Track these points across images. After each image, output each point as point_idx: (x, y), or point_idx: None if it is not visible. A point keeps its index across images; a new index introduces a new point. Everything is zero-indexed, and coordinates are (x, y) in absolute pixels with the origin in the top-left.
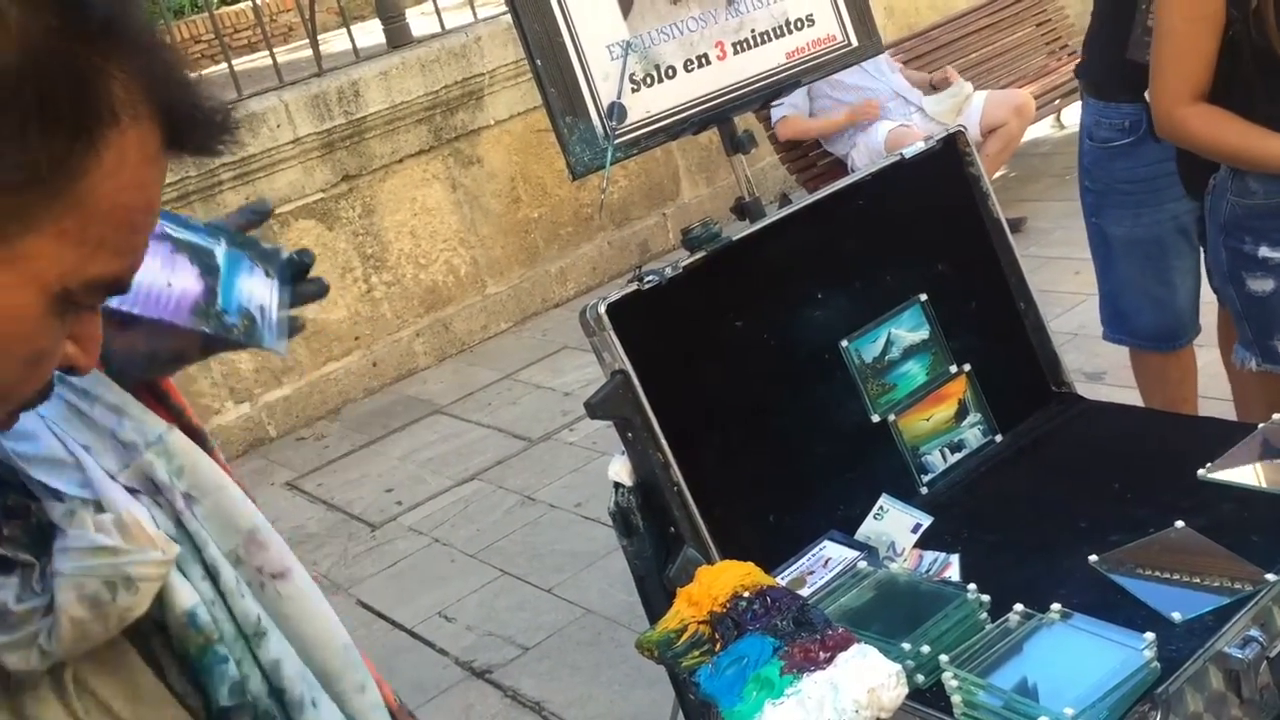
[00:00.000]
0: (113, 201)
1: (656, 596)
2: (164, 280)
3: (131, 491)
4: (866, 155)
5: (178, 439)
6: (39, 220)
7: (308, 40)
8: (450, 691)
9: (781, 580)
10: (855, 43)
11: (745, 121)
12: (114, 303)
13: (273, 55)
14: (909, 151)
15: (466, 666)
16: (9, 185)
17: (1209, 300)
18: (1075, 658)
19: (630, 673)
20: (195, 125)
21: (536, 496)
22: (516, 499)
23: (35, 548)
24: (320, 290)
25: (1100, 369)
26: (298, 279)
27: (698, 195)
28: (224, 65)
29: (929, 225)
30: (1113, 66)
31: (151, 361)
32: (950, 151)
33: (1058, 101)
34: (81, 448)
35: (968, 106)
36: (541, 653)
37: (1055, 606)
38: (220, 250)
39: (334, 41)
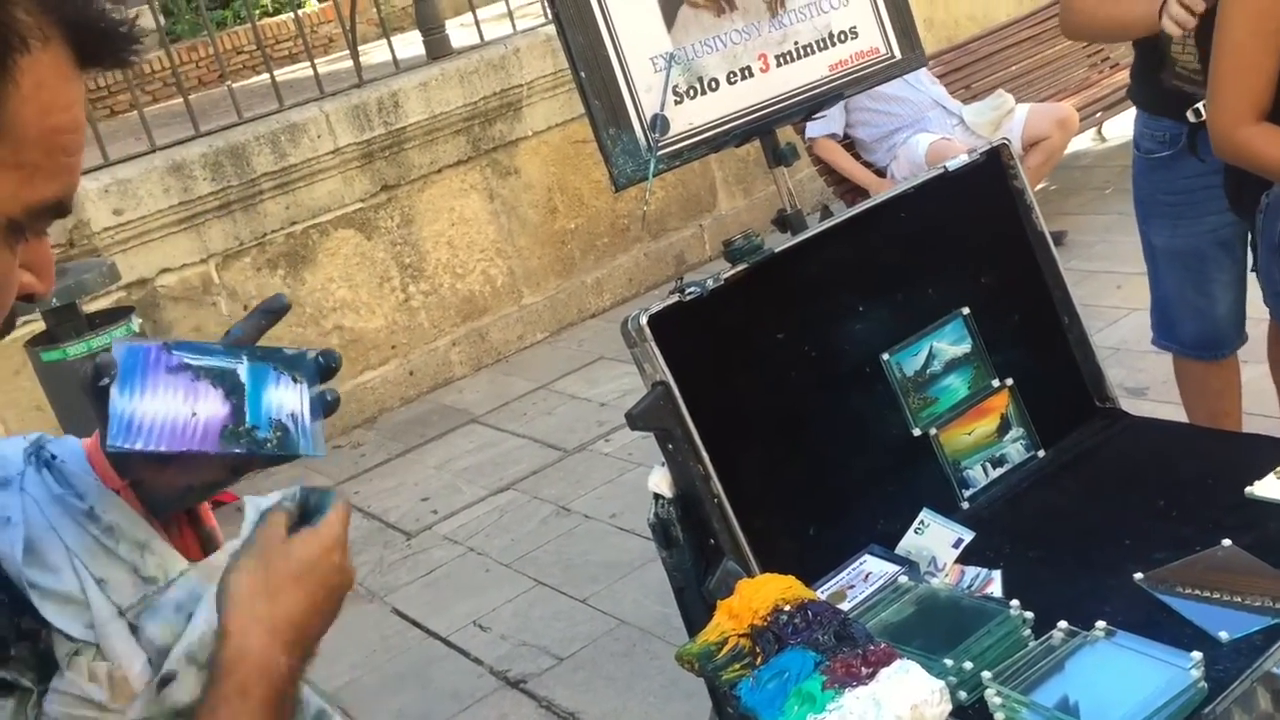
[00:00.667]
0: (39, 126)
1: (696, 608)
2: (188, 411)
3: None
4: (907, 167)
5: (194, 577)
6: None
7: (348, 51)
8: (485, 701)
9: (821, 594)
10: (899, 55)
11: (783, 134)
12: (142, 444)
13: (314, 66)
14: (952, 164)
15: (501, 676)
16: None
17: (1257, 315)
18: (1120, 677)
19: (665, 685)
20: (104, 39)
21: (571, 507)
22: (551, 509)
23: (38, 672)
24: (334, 404)
25: (1143, 384)
26: (326, 377)
27: (735, 207)
28: (266, 76)
29: (972, 238)
30: (1154, 88)
31: (187, 494)
32: (994, 164)
33: (1099, 114)
34: (96, 582)
35: (1009, 120)
36: (576, 663)
37: (1100, 624)
38: (243, 367)
39: (374, 53)
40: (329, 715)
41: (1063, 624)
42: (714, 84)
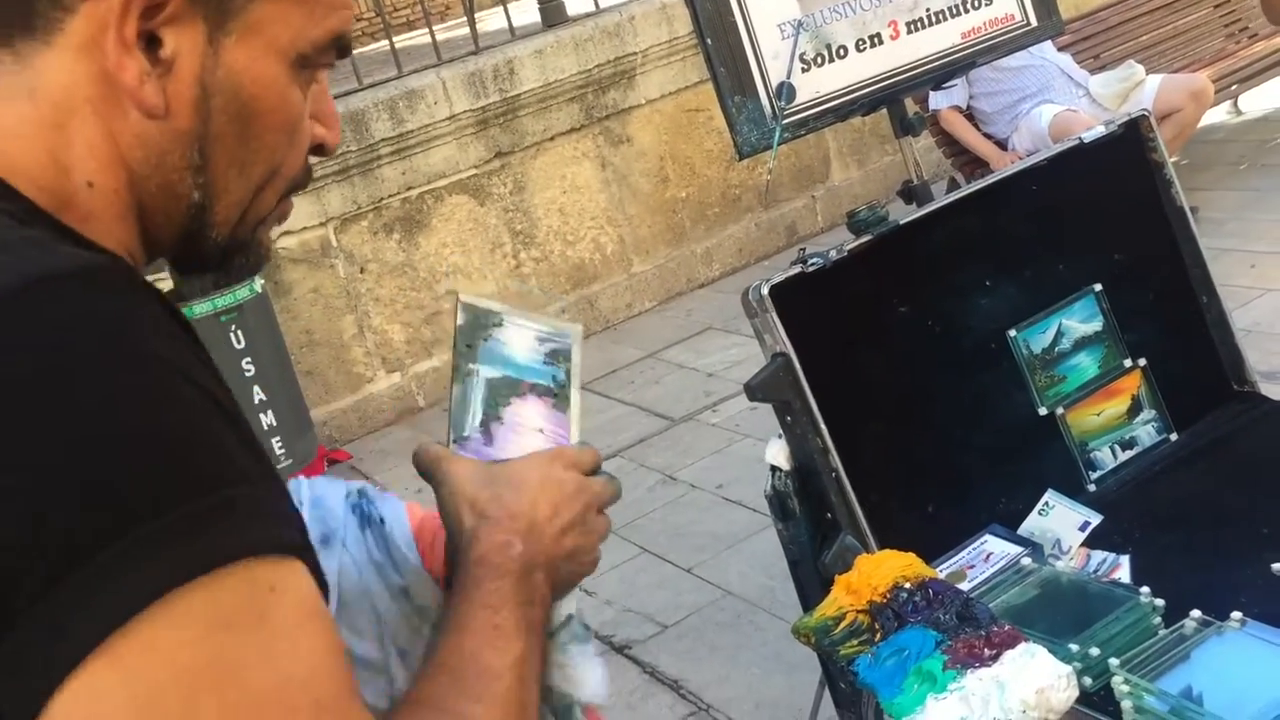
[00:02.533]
0: None
1: (810, 582)
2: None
3: None
4: (1029, 139)
5: None
6: None
7: (465, 19)
8: None
9: (940, 572)
10: (1035, 23)
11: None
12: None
13: (432, 33)
14: (1088, 136)
15: (606, 641)
16: None
17: None
18: (1256, 670)
19: (769, 657)
20: None
21: (678, 476)
22: (658, 478)
23: None
24: None
25: (1276, 368)
26: None
27: (848, 178)
28: (385, 43)
29: (1106, 212)
30: None
31: None
32: (1132, 136)
33: (1235, 87)
34: (399, 654)
35: (1138, 92)
36: (680, 631)
37: (1235, 615)
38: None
39: (490, 20)
40: (576, 619)
41: (1195, 613)
42: (842, 51)
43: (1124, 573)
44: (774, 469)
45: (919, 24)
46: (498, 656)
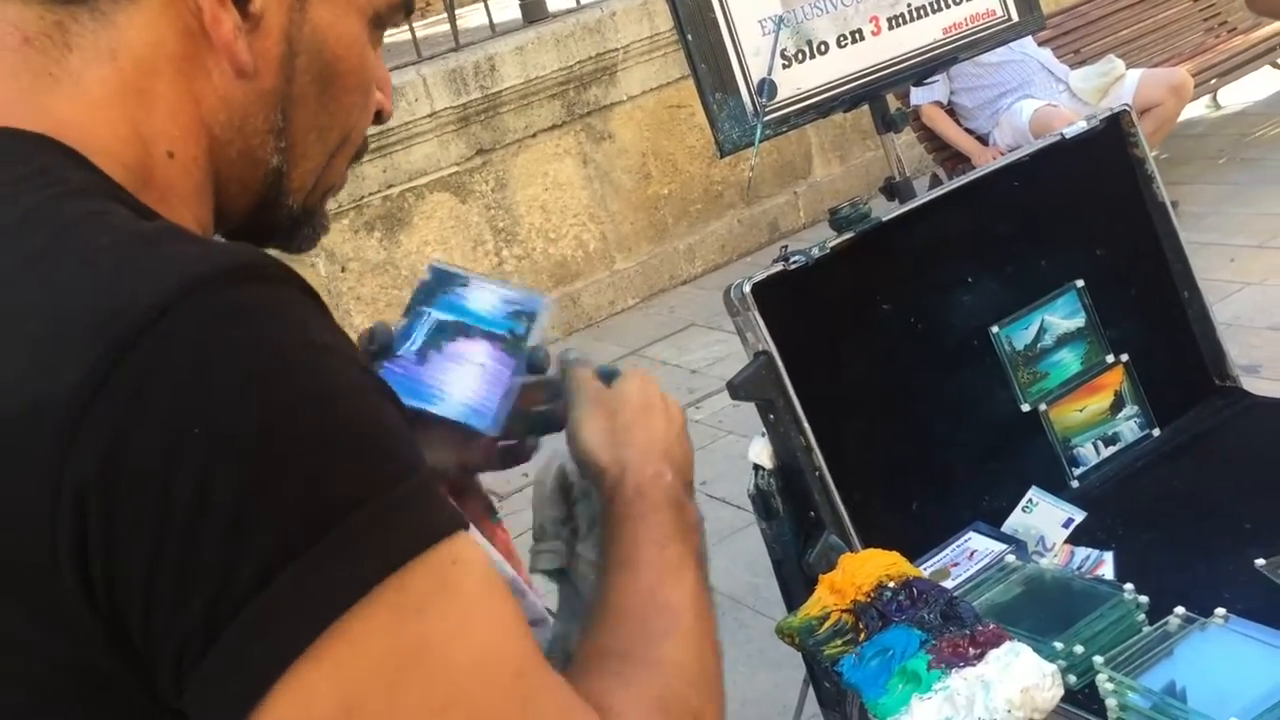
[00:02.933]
0: None
1: (794, 581)
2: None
3: None
4: (1010, 134)
5: None
6: None
7: (445, 15)
8: None
9: (924, 570)
10: (1016, 18)
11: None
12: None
13: (412, 30)
14: (1070, 131)
15: None
16: None
17: None
18: (1240, 666)
19: (754, 654)
20: None
21: None
22: None
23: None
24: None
25: (1256, 361)
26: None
27: (830, 174)
28: None
29: (1088, 208)
30: None
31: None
32: (1114, 131)
33: (1214, 81)
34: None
35: (1118, 87)
36: None
37: (1219, 611)
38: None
39: (470, 16)
40: None
41: (1180, 609)
42: (823, 47)
43: (1107, 569)
44: (757, 468)
45: (900, 19)
46: (676, 592)
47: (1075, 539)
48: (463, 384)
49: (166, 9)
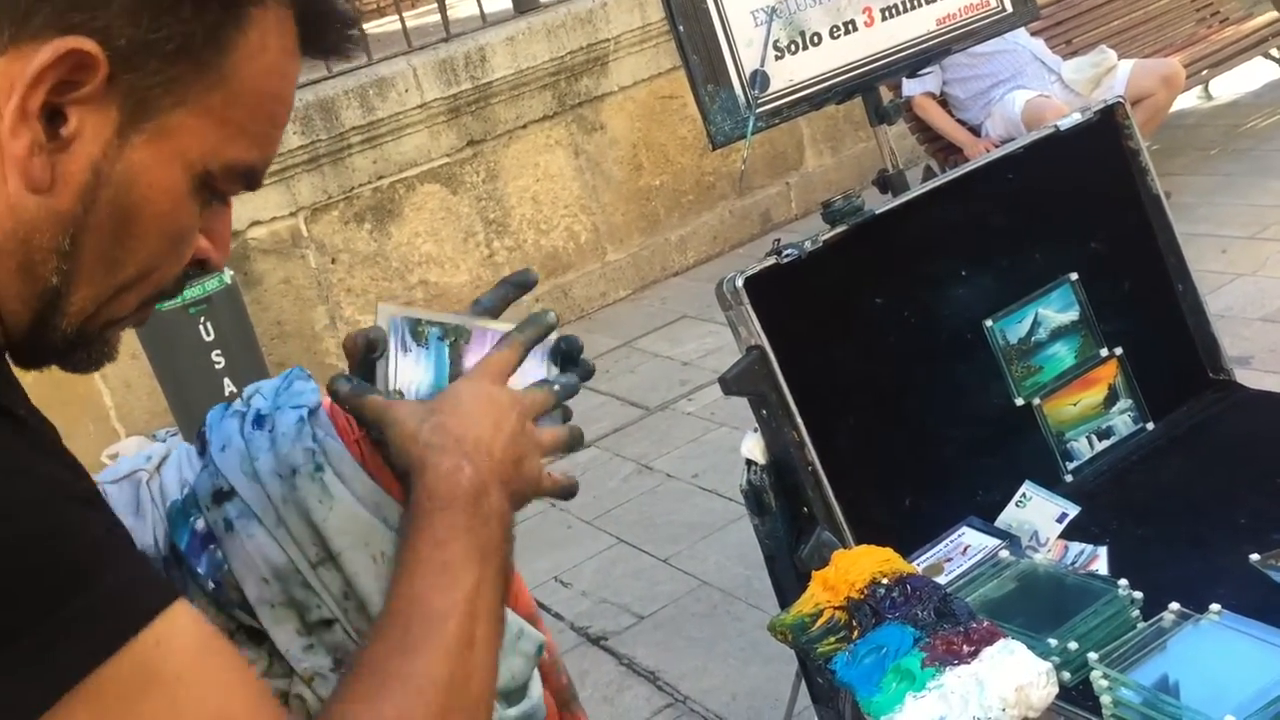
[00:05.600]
0: (254, 85)
1: (787, 577)
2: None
3: None
4: (1002, 125)
5: None
6: (188, 95)
7: (436, 5)
8: (565, 656)
9: (917, 566)
10: (1009, 8)
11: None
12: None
13: (402, 20)
14: (1064, 123)
15: (582, 632)
16: (164, 55)
17: None
18: (1236, 662)
19: (746, 647)
20: (328, 24)
21: (653, 465)
22: (633, 467)
23: None
24: (589, 373)
25: (1247, 353)
26: (565, 362)
27: (822, 165)
28: None
29: (1082, 201)
30: None
31: None
32: (1108, 123)
33: (1205, 72)
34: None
35: (1110, 78)
36: (656, 622)
37: (1214, 607)
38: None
39: (461, 7)
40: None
41: (1174, 605)
42: (816, 38)
43: (1101, 564)
44: (749, 463)
45: (893, 10)
46: (444, 596)
47: (1069, 534)
48: None
49: None
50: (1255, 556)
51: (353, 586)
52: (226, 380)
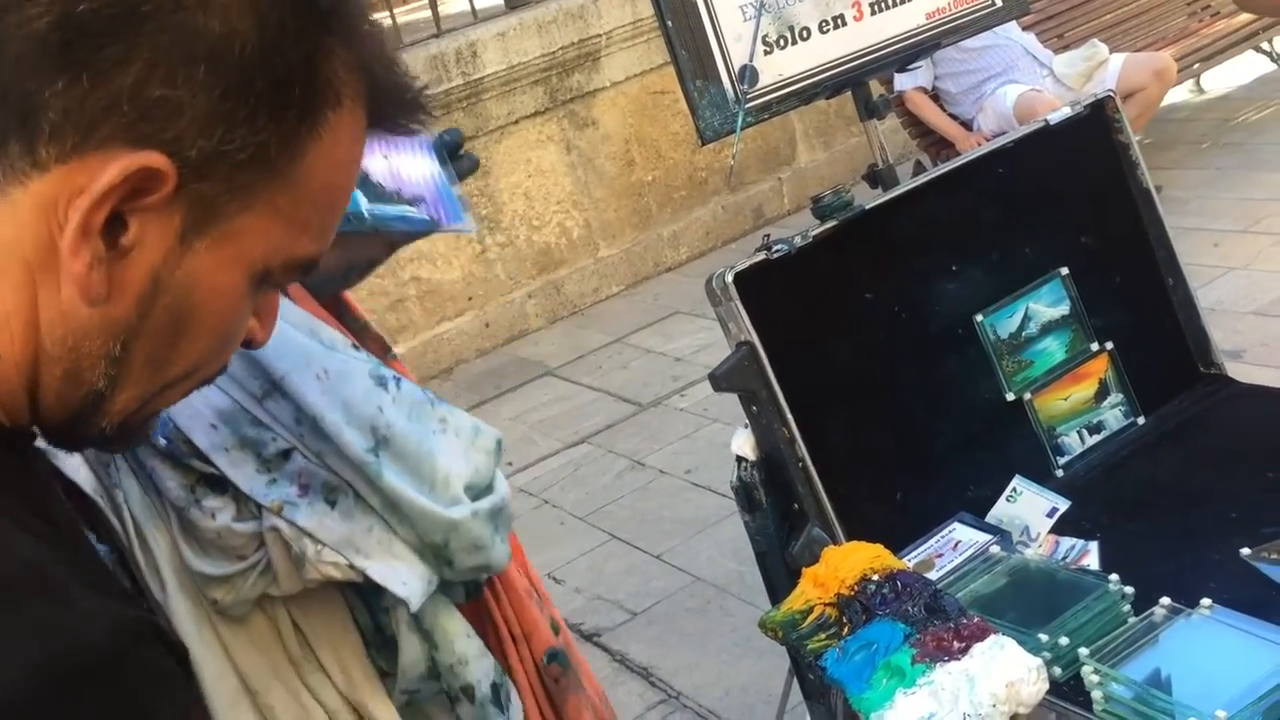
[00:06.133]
0: (323, 181)
1: (778, 574)
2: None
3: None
4: (993, 120)
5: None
6: (256, 199)
7: (426, 1)
8: None
9: (908, 562)
10: (999, 3)
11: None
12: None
13: (392, 15)
14: (1054, 117)
15: (575, 628)
16: (236, 163)
17: None
18: (1227, 657)
19: (739, 642)
20: (399, 104)
21: (646, 462)
22: (626, 463)
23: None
24: (474, 165)
25: (1239, 346)
26: (452, 158)
27: (815, 160)
28: None
29: (1073, 195)
30: None
31: (348, 273)
32: (1098, 117)
33: (1197, 65)
34: None
35: (1101, 72)
36: (650, 618)
37: (1205, 601)
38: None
39: (451, 2)
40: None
41: (1165, 600)
42: (805, 33)
43: (1092, 559)
44: (740, 459)
45: (883, 5)
46: None
47: (1060, 529)
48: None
49: (36, 213)
50: (1246, 551)
51: (303, 409)
52: None
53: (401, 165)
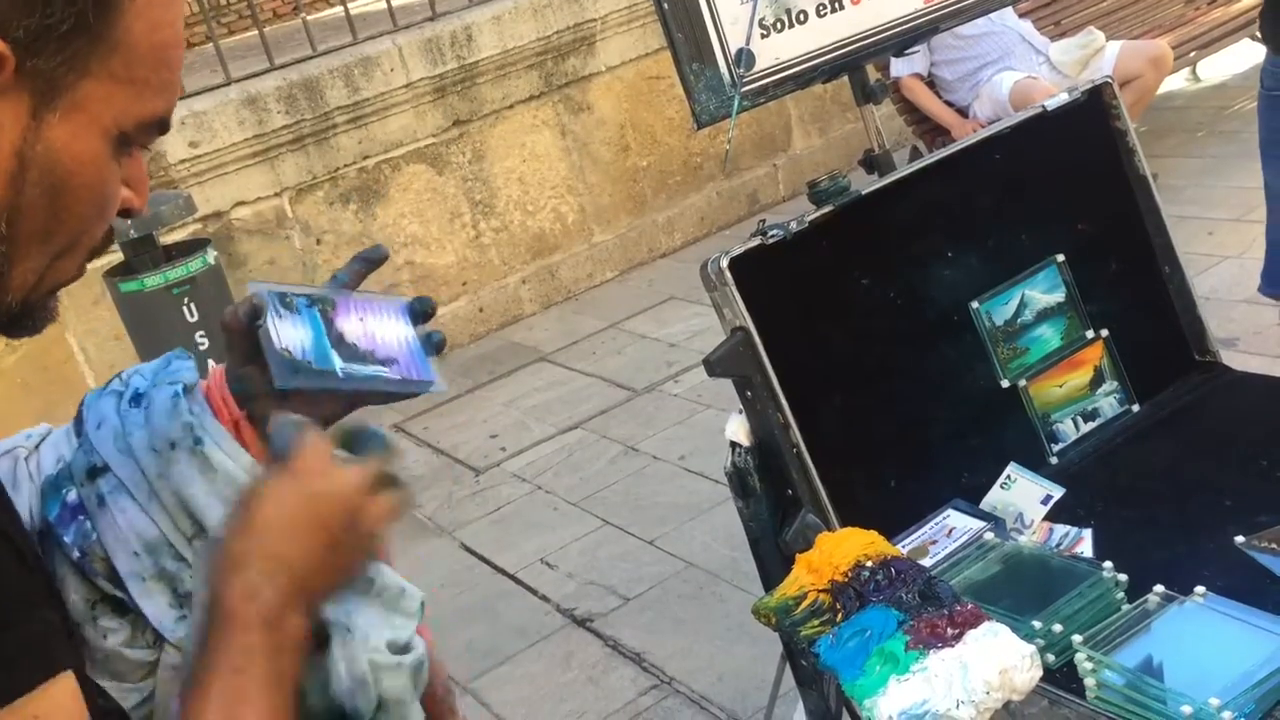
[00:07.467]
0: (149, 40)
1: (772, 560)
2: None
3: None
4: (990, 106)
5: None
6: (89, 66)
7: None
8: (551, 638)
9: (902, 548)
10: None
11: (870, 71)
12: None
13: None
14: (1051, 103)
15: (568, 614)
16: (61, 35)
17: None
18: (1220, 645)
19: (732, 628)
20: None
21: (640, 447)
22: (620, 449)
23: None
24: (441, 344)
25: (1233, 334)
26: (421, 320)
27: (810, 146)
28: (340, 8)
29: (1069, 181)
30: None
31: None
32: (1095, 104)
33: (1194, 54)
34: None
35: (1098, 59)
36: (643, 604)
37: (1199, 589)
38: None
39: None
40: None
41: (1159, 588)
42: (802, 16)
43: (1086, 546)
44: (734, 445)
45: None
46: None
47: (1054, 516)
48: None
49: None
50: (1240, 539)
51: None
52: (210, 362)
53: (376, 328)
